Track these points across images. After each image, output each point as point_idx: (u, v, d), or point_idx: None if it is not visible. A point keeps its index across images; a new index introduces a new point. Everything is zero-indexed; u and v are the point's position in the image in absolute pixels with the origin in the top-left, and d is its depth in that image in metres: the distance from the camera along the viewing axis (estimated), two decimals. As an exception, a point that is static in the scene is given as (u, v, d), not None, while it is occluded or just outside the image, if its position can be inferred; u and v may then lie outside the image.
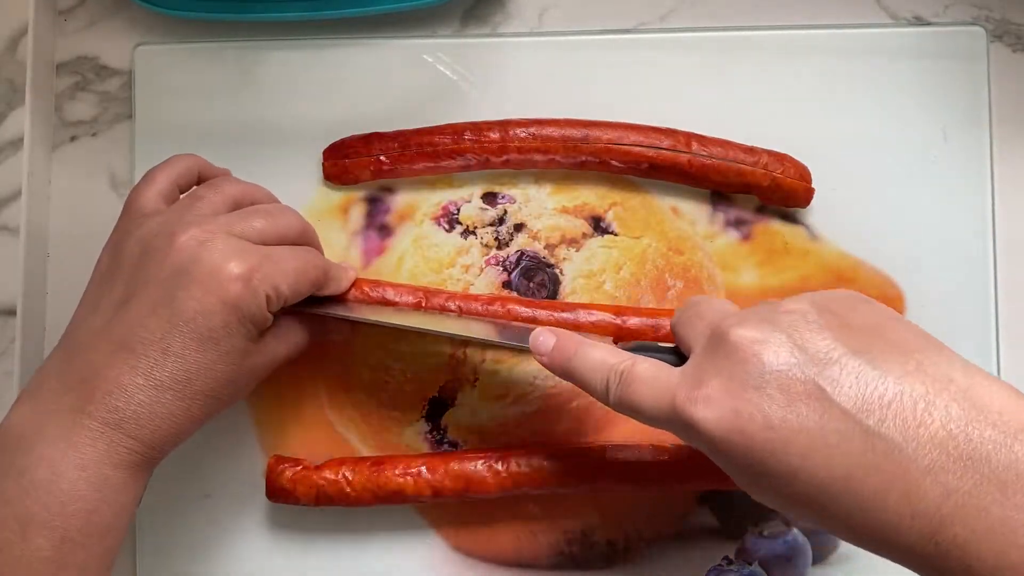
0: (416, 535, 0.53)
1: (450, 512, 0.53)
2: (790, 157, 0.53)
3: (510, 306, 0.50)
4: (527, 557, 0.53)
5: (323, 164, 0.54)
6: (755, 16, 0.55)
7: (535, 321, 0.50)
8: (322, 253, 0.50)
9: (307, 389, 0.54)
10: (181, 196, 0.48)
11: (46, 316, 0.55)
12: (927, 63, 0.54)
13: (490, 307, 0.50)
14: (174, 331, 0.42)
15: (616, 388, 0.40)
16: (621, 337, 0.50)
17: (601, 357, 0.41)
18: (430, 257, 0.54)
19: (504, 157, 0.52)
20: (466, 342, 0.53)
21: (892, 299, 0.53)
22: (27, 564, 0.39)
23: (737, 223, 0.54)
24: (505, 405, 0.53)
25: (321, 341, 0.52)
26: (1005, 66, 0.54)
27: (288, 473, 0.51)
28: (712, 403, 0.36)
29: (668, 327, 0.48)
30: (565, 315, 0.50)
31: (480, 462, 0.50)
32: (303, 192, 0.54)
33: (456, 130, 0.53)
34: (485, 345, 0.52)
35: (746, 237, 0.54)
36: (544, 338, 0.43)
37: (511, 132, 0.52)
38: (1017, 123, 0.54)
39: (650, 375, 0.39)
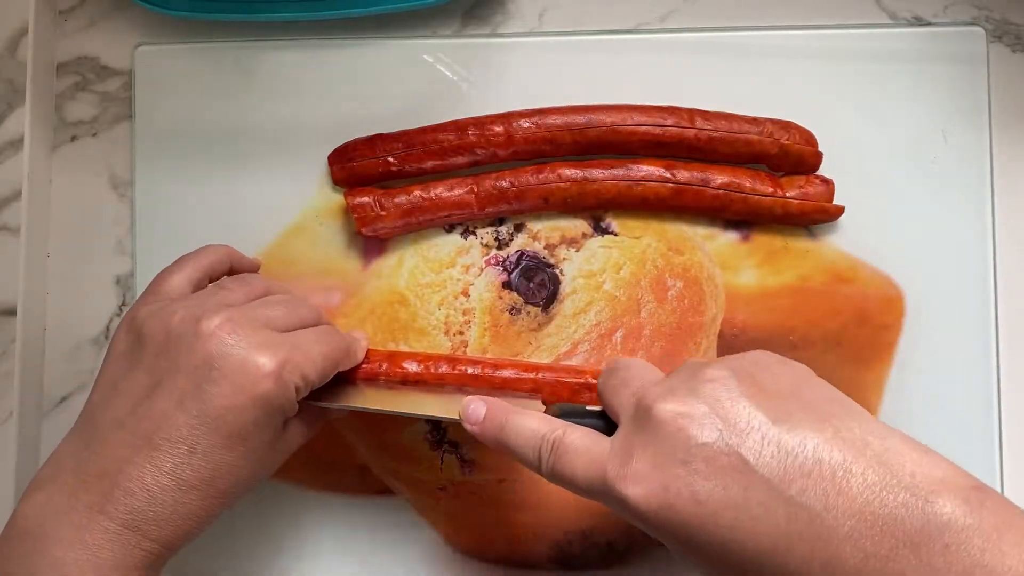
0: (416, 535, 0.53)
1: (450, 512, 0.53)
2: (795, 124, 0.53)
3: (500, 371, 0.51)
4: (527, 557, 0.53)
5: (331, 169, 0.54)
6: (755, 16, 0.55)
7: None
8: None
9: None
10: (209, 285, 0.47)
11: (46, 316, 0.55)
12: (927, 64, 0.54)
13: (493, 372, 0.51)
14: (202, 428, 0.40)
15: (548, 459, 0.40)
16: (544, 394, 0.50)
17: (533, 427, 0.41)
18: (430, 257, 0.54)
19: (511, 149, 0.52)
20: (465, 343, 0.53)
21: (892, 299, 0.53)
22: None
23: (737, 223, 0.54)
24: (505, 405, 0.53)
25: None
26: (1005, 66, 0.54)
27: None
28: (641, 479, 0.36)
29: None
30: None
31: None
32: (303, 192, 0.54)
33: (459, 126, 0.53)
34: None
35: (746, 237, 0.54)
36: (475, 407, 0.43)
37: (514, 124, 0.52)
38: (1017, 123, 0.54)
39: (582, 446, 0.39)
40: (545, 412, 0.43)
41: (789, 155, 0.53)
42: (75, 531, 0.39)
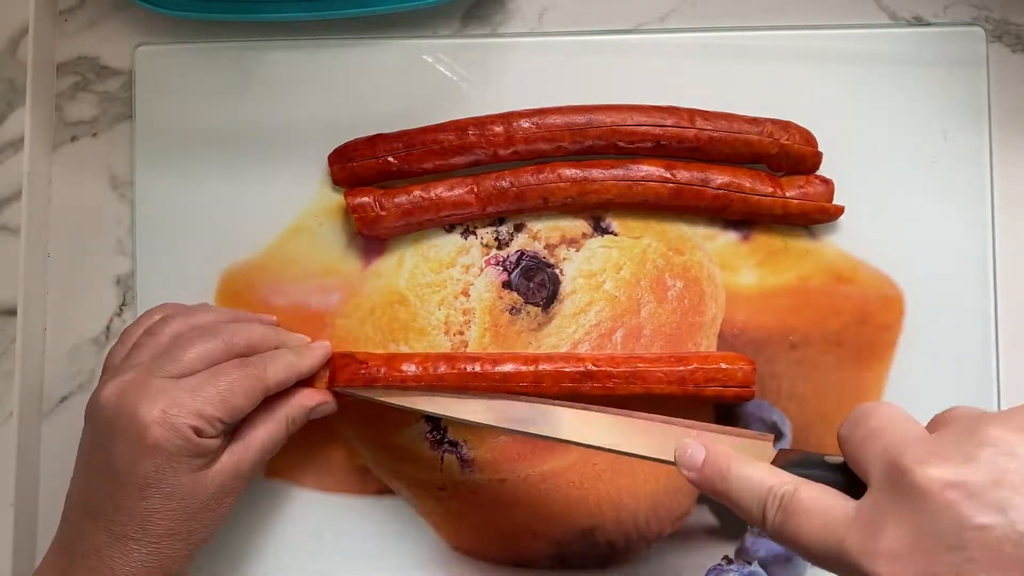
0: (416, 534, 0.53)
1: (450, 512, 0.53)
2: (794, 124, 0.53)
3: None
4: (527, 557, 0.53)
5: (331, 169, 0.54)
6: (755, 17, 0.55)
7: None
8: (289, 348, 0.50)
9: (307, 389, 0.54)
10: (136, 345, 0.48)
11: (46, 316, 0.55)
12: (927, 64, 0.54)
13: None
14: (118, 487, 0.43)
15: (775, 516, 0.35)
16: (547, 384, 0.49)
17: (760, 477, 0.36)
18: (430, 257, 0.54)
19: (511, 149, 0.52)
20: (465, 343, 0.53)
21: (892, 299, 0.53)
22: None
23: (737, 223, 0.54)
24: (505, 405, 0.53)
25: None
26: (1005, 66, 0.54)
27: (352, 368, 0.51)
28: (895, 560, 0.30)
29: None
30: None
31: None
32: (303, 192, 0.54)
33: (459, 126, 0.53)
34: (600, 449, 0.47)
35: (746, 237, 0.54)
36: (692, 452, 0.39)
37: (514, 124, 0.52)
38: (1017, 123, 0.54)
39: (818, 506, 0.34)
40: (776, 459, 0.39)
41: (789, 155, 0.53)
42: None
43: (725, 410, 0.53)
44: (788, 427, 0.53)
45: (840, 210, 0.53)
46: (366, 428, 0.53)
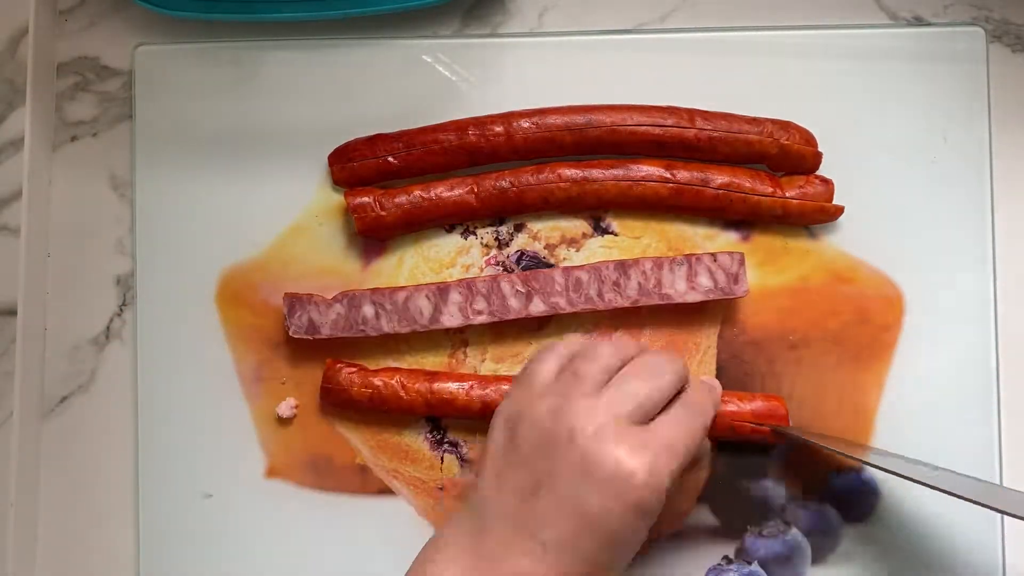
0: (416, 535, 0.53)
1: (450, 511, 0.53)
2: (794, 124, 0.53)
3: None
4: (527, 557, 0.53)
5: (331, 169, 0.54)
6: (755, 16, 0.55)
7: None
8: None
9: (307, 390, 0.54)
10: (562, 371, 0.46)
11: (46, 316, 0.55)
12: (927, 63, 0.54)
13: None
14: (583, 532, 0.42)
15: None
16: None
17: None
18: (430, 257, 0.54)
19: (511, 149, 0.52)
20: (465, 341, 0.53)
21: (892, 299, 0.53)
22: None
23: (737, 223, 0.54)
24: (505, 405, 0.53)
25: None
26: (1005, 66, 0.54)
27: (345, 372, 0.52)
28: None
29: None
30: None
31: None
32: (303, 192, 0.54)
33: (459, 126, 0.53)
34: None
35: (746, 237, 0.54)
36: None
37: (514, 124, 0.52)
38: (1017, 123, 0.54)
39: None
40: None
41: (789, 155, 0.53)
42: None
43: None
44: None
45: (840, 210, 0.53)
46: (366, 428, 0.54)
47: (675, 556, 0.53)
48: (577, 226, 0.54)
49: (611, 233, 0.54)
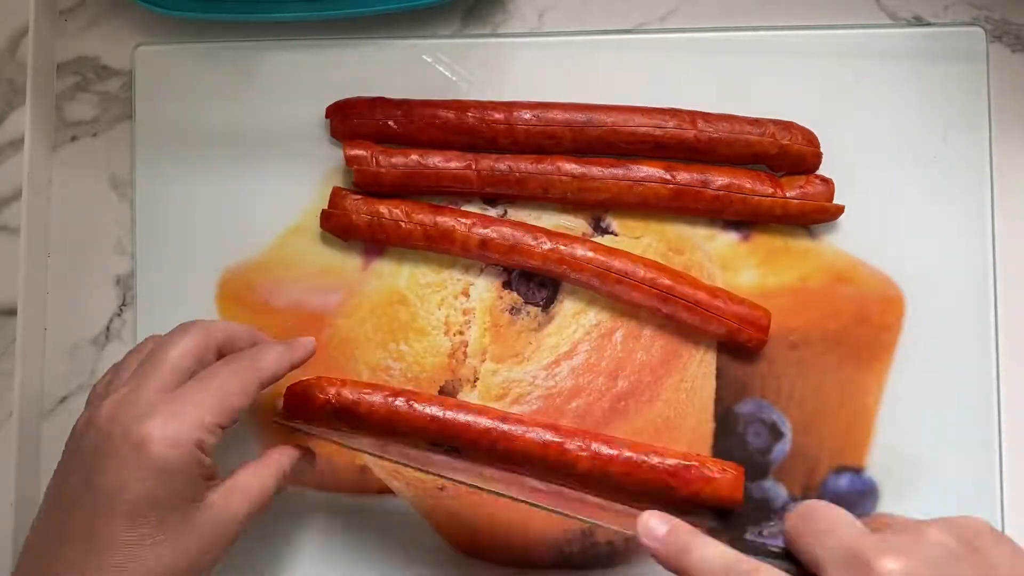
0: (416, 534, 0.53)
1: (450, 511, 0.53)
2: (796, 124, 0.53)
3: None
4: (527, 557, 0.53)
5: (330, 122, 0.54)
6: (755, 16, 0.55)
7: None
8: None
9: (307, 389, 0.54)
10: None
11: (46, 316, 0.55)
12: (927, 64, 0.54)
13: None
14: (100, 513, 0.40)
15: None
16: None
17: (719, 554, 0.38)
18: (430, 257, 0.54)
19: (510, 139, 0.52)
20: (465, 341, 0.53)
21: (892, 299, 0.53)
22: None
23: (737, 223, 0.54)
24: (505, 405, 0.53)
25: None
26: (1005, 66, 0.54)
27: (348, 200, 0.52)
28: None
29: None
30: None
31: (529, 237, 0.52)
32: (302, 192, 0.55)
33: (461, 106, 0.53)
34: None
35: (746, 237, 0.54)
36: (655, 523, 0.40)
37: (515, 114, 0.52)
38: (1017, 123, 0.54)
39: None
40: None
41: (789, 155, 0.53)
42: None
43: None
44: (788, 427, 0.53)
45: (840, 210, 0.53)
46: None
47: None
48: (577, 226, 0.54)
49: (611, 233, 0.54)
